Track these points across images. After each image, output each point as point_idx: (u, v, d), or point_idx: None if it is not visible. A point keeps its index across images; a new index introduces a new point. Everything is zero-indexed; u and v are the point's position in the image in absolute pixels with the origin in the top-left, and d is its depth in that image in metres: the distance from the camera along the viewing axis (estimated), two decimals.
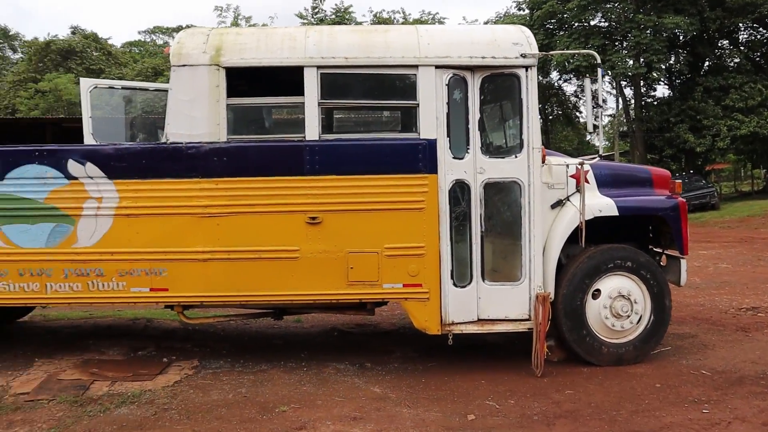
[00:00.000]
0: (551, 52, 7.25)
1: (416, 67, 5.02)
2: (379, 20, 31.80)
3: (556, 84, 37.42)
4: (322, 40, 5.08)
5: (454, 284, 5.07)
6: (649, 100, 33.89)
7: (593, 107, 5.36)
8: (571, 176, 5.32)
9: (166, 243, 4.97)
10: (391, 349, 5.98)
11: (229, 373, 5.26)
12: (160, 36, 45.07)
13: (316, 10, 31.10)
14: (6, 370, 5.43)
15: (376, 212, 4.95)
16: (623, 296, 5.20)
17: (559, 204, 5.30)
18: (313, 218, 4.92)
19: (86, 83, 5.26)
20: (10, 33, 42.13)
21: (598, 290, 5.22)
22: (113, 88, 5.54)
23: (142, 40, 44.37)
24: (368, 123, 7.24)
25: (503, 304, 5.14)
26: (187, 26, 42.61)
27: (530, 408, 4.41)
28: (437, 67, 5.03)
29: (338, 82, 5.08)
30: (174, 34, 44.51)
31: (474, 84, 5.11)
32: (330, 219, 4.93)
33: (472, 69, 5.09)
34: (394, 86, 5.27)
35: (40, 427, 4.12)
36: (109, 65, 28.69)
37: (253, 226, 4.94)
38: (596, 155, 6.04)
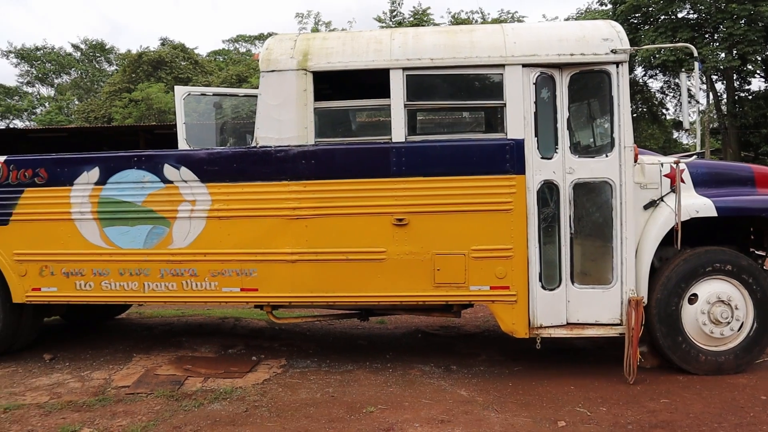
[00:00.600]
0: (644, 47, 6.96)
1: (503, 66, 4.94)
2: (457, 21, 31.59)
3: (640, 80, 36.08)
4: (408, 42, 5.08)
5: (543, 287, 4.95)
6: (743, 95, 32.11)
7: (689, 103, 5.12)
8: (666, 175, 5.10)
9: (256, 244, 5.09)
10: (476, 352, 5.92)
11: (316, 372, 5.33)
12: (243, 44, 46.46)
13: (395, 13, 31.23)
14: (108, 364, 5.72)
15: (462, 213, 4.90)
16: (723, 301, 4.93)
17: (652, 205, 5.09)
18: (400, 220, 4.92)
19: (180, 91, 5.47)
20: (107, 47, 44.55)
21: (695, 295, 4.97)
22: (205, 94, 5.74)
23: (226, 48, 45.87)
24: (451, 124, 7.20)
25: (593, 307, 4.97)
26: (269, 34, 43.74)
27: (623, 416, 4.24)
28: (524, 65, 4.93)
29: (424, 84, 5.07)
30: (256, 42, 45.86)
31: (562, 82, 4.98)
32: (416, 220, 4.93)
33: (560, 67, 4.97)
34: (480, 86, 5.21)
35: (140, 419, 4.30)
36: (196, 74, 29.81)
37: (340, 228, 5.00)
38: (694, 153, 5.76)
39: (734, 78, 30.75)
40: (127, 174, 5.24)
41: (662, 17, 29.77)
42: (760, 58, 28.43)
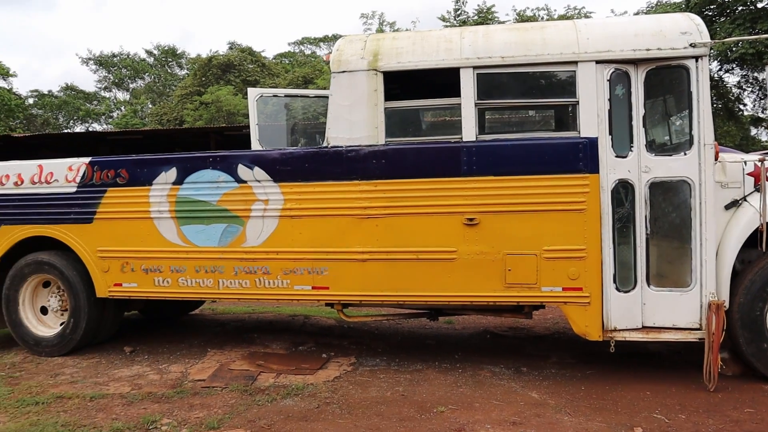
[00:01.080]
0: (725, 40, 6.62)
1: (575, 63, 4.84)
2: (522, 19, 31.10)
3: (715, 75, 34.67)
4: (478, 41, 5.04)
5: (617, 289, 4.82)
6: None
7: None
8: (749, 174, 4.88)
9: (327, 243, 5.17)
10: (546, 354, 5.82)
11: (386, 371, 5.36)
12: (308, 46, 47.04)
13: (459, 12, 30.98)
14: (184, 357, 5.92)
15: (534, 213, 4.84)
16: None
17: (734, 204, 4.89)
18: (471, 219, 4.90)
19: (253, 92, 5.59)
20: (178, 52, 45.97)
21: None
22: (277, 96, 5.85)
23: (292, 51, 46.55)
24: (520, 123, 7.10)
25: (671, 311, 4.81)
26: (333, 36, 44.14)
27: (705, 425, 4.09)
28: (598, 62, 4.82)
29: (494, 82, 5.02)
30: (321, 44, 46.39)
31: (638, 78, 4.84)
32: (487, 220, 4.89)
33: (636, 62, 4.83)
34: (552, 84, 5.12)
35: (216, 412, 4.42)
36: (263, 76, 30.36)
37: (410, 227, 5.01)
38: None
39: None
40: (203, 174, 5.40)
41: (740, 8, 28.53)
42: None
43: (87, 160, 5.77)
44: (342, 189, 5.10)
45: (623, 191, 4.82)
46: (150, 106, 40.55)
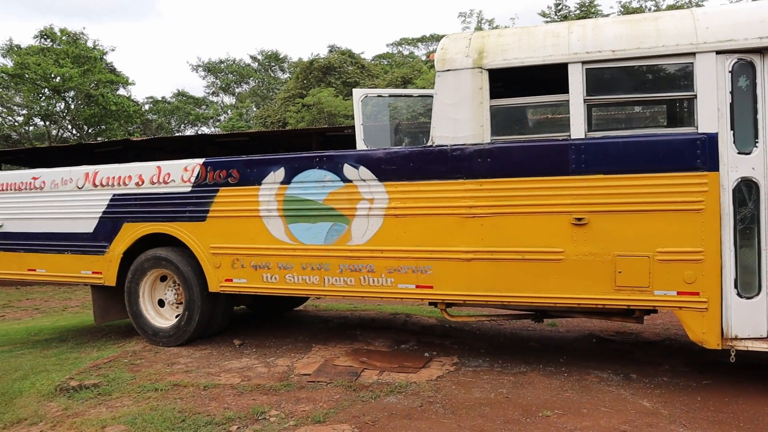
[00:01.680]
0: None
1: (693, 54, 4.58)
2: (628, 11, 29.87)
3: None
4: (587, 34, 4.88)
5: (738, 294, 4.52)
6: None
7: None
8: None
9: (431, 242, 5.16)
10: (657, 361, 5.55)
11: (489, 372, 5.29)
12: (406, 47, 47.29)
13: (560, 7, 30.15)
14: (290, 352, 6.09)
15: (647, 213, 4.61)
16: None
17: None
18: (579, 219, 4.75)
19: (358, 93, 5.67)
20: (280, 56, 47.50)
21: None
22: (381, 96, 5.91)
23: (390, 52, 46.95)
24: (629, 119, 6.83)
25: None
26: (431, 36, 44.08)
27: None
28: (718, 52, 4.53)
29: (604, 77, 4.84)
30: (419, 44, 46.49)
31: (764, 68, 4.51)
32: (597, 220, 4.72)
33: (762, 51, 4.50)
34: (667, 77, 4.87)
35: (321, 406, 4.51)
36: (363, 77, 30.76)
37: (516, 227, 4.92)
38: None
39: None
40: (310, 174, 5.54)
41: None
42: None
43: (201, 161, 6.06)
44: (447, 188, 5.08)
45: (746, 190, 4.51)
46: (254, 109, 42.09)
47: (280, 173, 5.65)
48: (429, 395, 4.72)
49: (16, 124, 32.47)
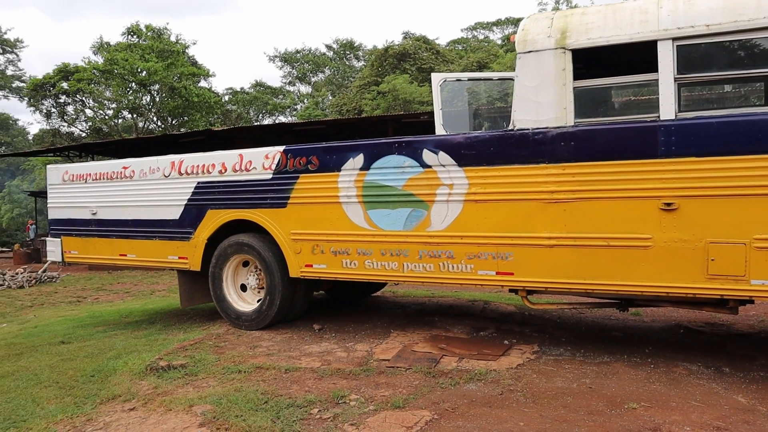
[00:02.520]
0: None
1: None
2: None
3: None
4: (678, 9, 4.62)
5: None
6: None
7: None
8: None
9: (512, 228, 5.06)
10: (752, 355, 5.26)
11: (571, 361, 5.16)
12: (481, 31, 46.65)
13: None
14: (368, 337, 6.13)
15: (744, 198, 4.33)
16: None
17: None
18: (668, 204, 4.53)
19: (437, 78, 5.61)
20: (355, 44, 47.79)
21: None
22: (460, 80, 5.82)
23: (465, 37, 46.44)
24: (721, 98, 6.46)
25: None
26: (506, 19, 43.22)
27: None
28: None
29: (697, 54, 4.58)
30: (494, 28, 45.74)
31: None
32: (687, 205, 4.49)
33: None
34: (766, 53, 4.57)
35: (401, 392, 4.51)
36: (438, 63, 30.56)
37: (601, 212, 4.75)
38: None
39: None
40: (389, 159, 5.53)
41: None
42: None
43: (281, 148, 6.15)
44: (528, 173, 4.96)
45: None
46: (330, 97, 42.59)
47: (359, 159, 5.67)
48: (509, 383, 4.64)
49: (106, 117, 34.11)
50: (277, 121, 41.70)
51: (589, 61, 5.24)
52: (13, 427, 4.29)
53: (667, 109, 4.53)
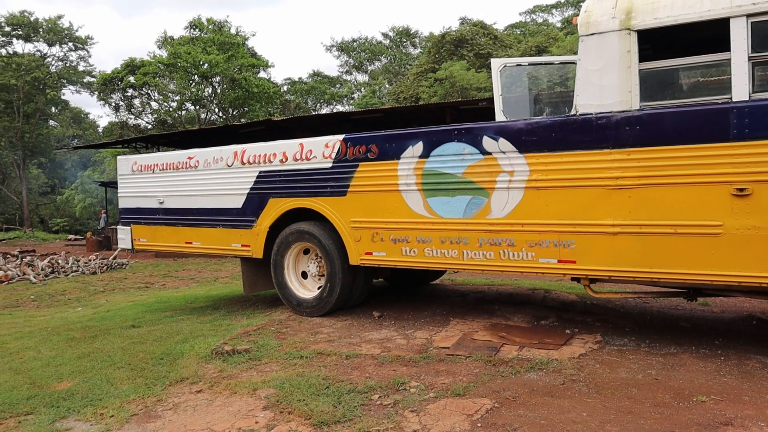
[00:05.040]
0: None
1: None
2: None
3: None
4: None
5: None
6: None
7: None
8: None
9: (574, 215, 4.96)
10: None
11: (635, 352, 5.04)
12: (540, 14, 45.71)
13: None
14: (428, 325, 6.14)
15: None
16: None
17: None
18: (741, 190, 4.34)
19: (497, 63, 5.52)
20: (412, 32, 47.61)
21: None
22: (521, 65, 5.71)
23: (523, 21, 45.61)
24: None
25: None
26: (565, 2, 42.13)
27: None
28: None
29: None
30: (552, 11, 44.70)
31: None
32: (762, 191, 4.27)
33: None
34: None
35: (461, 380, 4.50)
36: (496, 48, 30.10)
37: (668, 199, 4.60)
38: None
39: None
40: (448, 147, 5.49)
41: None
42: None
43: (341, 137, 6.20)
44: (591, 158, 4.84)
45: None
46: (387, 86, 42.60)
47: (418, 147, 5.66)
48: (571, 373, 4.57)
49: (170, 109, 35.11)
50: (334, 110, 42.02)
51: (656, 42, 5.06)
52: (90, 405, 4.51)
53: (741, 90, 4.34)
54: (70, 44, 43.67)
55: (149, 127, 36.14)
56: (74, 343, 6.62)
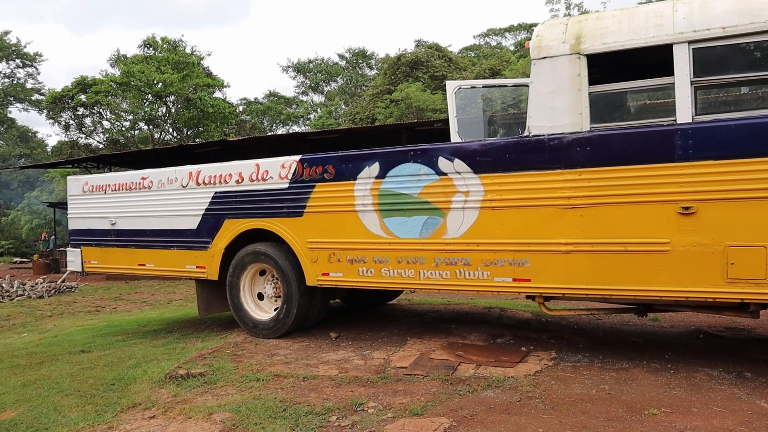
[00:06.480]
0: None
1: None
2: None
3: None
4: (693, 12, 4.61)
5: None
6: None
7: None
8: None
9: (528, 234, 5.05)
10: None
11: (589, 367, 5.13)
12: (494, 37, 46.69)
13: None
14: (385, 345, 6.14)
15: (763, 200, 4.29)
16: None
17: None
18: (686, 208, 4.50)
19: (452, 85, 5.62)
20: (367, 53, 48.02)
21: None
22: (475, 87, 5.83)
23: (477, 44, 46.48)
24: (738, 100, 6.40)
25: None
26: (519, 25, 43.18)
27: None
28: None
29: (713, 57, 4.56)
30: (506, 34, 45.74)
31: None
32: (706, 209, 4.46)
33: None
34: None
35: (419, 399, 4.50)
36: (450, 70, 30.58)
37: (618, 217, 4.73)
38: None
39: None
40: (404, 168, 5.54)
41: None
42: None
43: (297, 158, 6.19)
44: (544, 179, 4.95)
45: None
46: (343, 106, 42.76)
47: (374, 168, 5.69)
48: (527, 390, 4.62)
49: (123, 128, 34.47)
50: (290, 131, 41.93)
51: (605, 66, 5.24)
52: None
53: (684, 112, 4.52)
54: (18, 61, 42.65)
55: (101, 146, 35.39)
56: (19, 371, 6.38)
